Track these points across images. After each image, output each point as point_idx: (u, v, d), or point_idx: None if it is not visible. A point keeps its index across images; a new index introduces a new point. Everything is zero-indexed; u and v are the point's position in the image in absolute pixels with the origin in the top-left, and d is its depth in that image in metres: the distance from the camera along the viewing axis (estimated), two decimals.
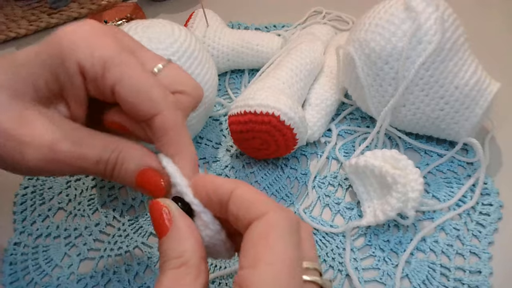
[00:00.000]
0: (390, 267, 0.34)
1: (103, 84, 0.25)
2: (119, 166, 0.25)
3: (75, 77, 0.25)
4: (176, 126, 0.25)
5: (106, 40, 0.25)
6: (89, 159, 0.25)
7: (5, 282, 0.36)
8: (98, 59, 0.24)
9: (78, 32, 0.25)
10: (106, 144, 0.26)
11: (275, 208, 0.22)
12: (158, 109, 0.25)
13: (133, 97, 0.24)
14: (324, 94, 0.44)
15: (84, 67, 0.25)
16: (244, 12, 0.62)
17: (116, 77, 0.24)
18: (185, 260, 0.22)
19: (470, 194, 0.38)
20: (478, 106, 0.37)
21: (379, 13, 0.38)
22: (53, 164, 0.25)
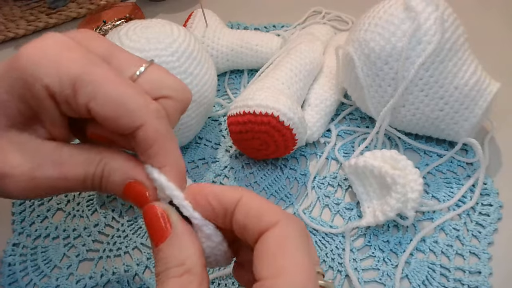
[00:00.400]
0: (390, 268, 0.34)
1: (76, 104, 0.23)
2: (105, 179, 0.25)
3: (45, 102, 0.23)
4: (160, 137, 0.23)
5: (73, 55, 0.23)
6: (74, 178, 0.24)
7: (4, 283, 0.36)
8: (66, 79, 0.22)
9: (40, 51, 0.23)
10: (89, 158, 0.24)
11: (284, 216, 0.22)
12: (139, 122, 0.23)
13: (111, 113, 0.22)
14: (324, 94, 0.44)
15: (52, 91, 0.22)
16: (244, 12, 0.62)
17: (89, 95, 0.22)
18: (187, 268, 0.21)
19: (470, 195, 0.38)
20: (477, 106, 0.37)
21: (379, 13, 0.38)
22: (37, 190, 0.24)
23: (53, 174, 0.24)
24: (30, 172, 0.24)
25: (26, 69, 0.22)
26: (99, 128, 0.25)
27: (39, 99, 0.23)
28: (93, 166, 0.24)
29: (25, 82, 0.22)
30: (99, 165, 0.24)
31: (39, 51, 0.23)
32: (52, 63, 0.22)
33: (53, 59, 0.22)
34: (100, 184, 0.25)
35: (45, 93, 0.23)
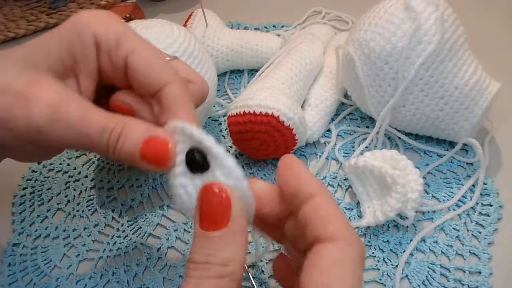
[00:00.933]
0: (390, 268, 0.34)
1: (116, 55, 0.26)
2: (123, 137, 0.24)
3: (90, 49, 0.26)
4: (184, 96, 0.25)
5: (119, 21, 0.27)
6: (94, 124, 0.24)
7: (4, 283, 0.36)
8: (113, 33, 0.26)
9: (94, 13, 0.27)
10: (112, 115, 0.25)
11: (350, 235, 0.21)
12: (168, 79, 0.25)
13: (146, 66, 0.25)
14: (324, 94, 0.44)
15: (99, 40, 0.26)
16: (244, 12, 0.62)
17: (129, 48, 0.26)
18: (230, 272, 0.20)
19: (470, 195, 0.38)
20: (477, 106, 0.37)
21: (379, 13, 0.38)
22: (57, 125, 0.24)
23: (77, 113, 0.24)
24: (57, 104, 0.24)
25: (79, 21, 0.26)
26: (124, 95, 0.27)
27: (85, 46, 0.26)
28: (114, 121, 0.25)
29: (76, 30, 0.26)
30: (119, 123, 0.24)
31: (92, 14, 0.27)
32: (102, 21, 0.27)
33: (104, 21, 0.27)
34: (117, 140, 0.24)
35: (92, 41, 0.26)
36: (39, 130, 0.24)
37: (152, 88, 0.26)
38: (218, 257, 0.20)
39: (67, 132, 0.24)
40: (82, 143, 0.25)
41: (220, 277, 0.20)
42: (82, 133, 0.24)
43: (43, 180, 0.44)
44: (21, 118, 0.24)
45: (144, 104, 0.27)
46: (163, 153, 0.23)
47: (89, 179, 0.43)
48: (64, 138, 0.24)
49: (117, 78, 0.27)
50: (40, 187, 0.43)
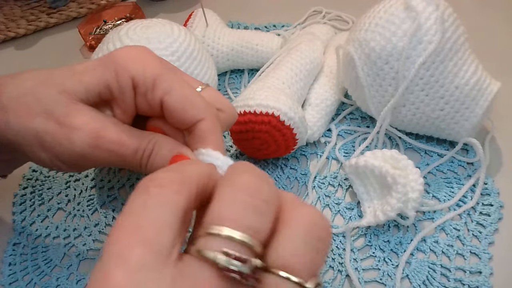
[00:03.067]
0: (390, 268, 0.34)
1: (153, 96, 0.27)
2: (154, 154, 0.28)
3: (127, 90, 0.28)
4: (216, 131, 0.27)
5: (155, 60, 0.28)
6: (129, 146, 0.27)
7: (5, 282, 0.36)
8: (150, 74, 0.27)
9: (131, 52, 0.28)
10: (143, 134, 0.28)
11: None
12: (203, 115, 0.27)
13: (181, 105, 0.27)
14: (324, 94, 0.44)
15: (137, 81, 0.27)
16: (244, 11, 0.62)
17: (165, 89, 0.27)
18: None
19: (471, 194, 0.38)
20: (478, 106, 0.37)
21: (379, 13, 0.38)
22: (97, 151, 0.27)
23: (115, 138, 0.27)
24: (96, 131, 0.27)
25: (118, 62, 0.28)
26: (160, 123, 0.29)
27: (123, 87, 0.28)
28: (146, 141, 0.28)
29: (115, 70, 0.27)
30: (150, 141, 0.28)
31: (130, 51, 0.28)
32: (140, 61, 0.28)
33: (141, 60, 0.28)
34: (148, 157, 0.28)
35: (130, 83, 0.28)
36: (80, 156, 0.27)
37: (186, 123, 0.27)
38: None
39: (105, 156, 0.27)
40: (117, 163, 0.28)
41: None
42: (118, 155, 0.27)
43: (43, 179, 0.44)
44: (65, 145, 0.27)
45: (177, 132, 0.29)
46: None
47: (90, 178, 0.43)
48: (101, 160, 0.28)
49: (153, 113, 0.29)
50: (40, 187, 0.43)
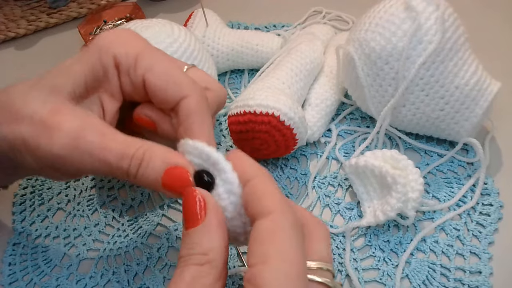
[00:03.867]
0: (390, 268, 0.34)
1: (135, 74, 0.28)
2: (145, 164, 0.25)
3: (111, 70, 0.28)
4: (200, 110, 0.27)
5: (138, 40, 0.29)
6: (113, 151, 0.26)
7: (4, 282, 0.36)
8: (132, 52, 0.28)
9: (113, 34, 0.29)
10: (131, 140, 0.26)
11: (281, 207, 0.22)
12: (185, 93, 0.27)
13: (163, 82, 0.27)
14: (324, 94, 0.44)
15: (119, 60, 0.28)
16: (244, 12, 0.62)
17: (147, 66, 0.27)
18: (210, 259, 0.22)
19: (470, 194, 0.38)
20: (478, 106, 0.37)
21: (379, 13, 0.38)
22: (76, 153, 0.26)
23: (95, 140, 0.26)
24: (76, 131, 0.26)
25: (101, 45, 0.28)
26: (146, 108, 0.29)
27: (106, 66, 0.28)
28: (134, 148, 0.26)
29: (97, 52, 0.28)
30: (139, 149, 0.26)
31: (112, 35, 0.29)
32: (122, 42, 0.28)
33: (123, 40, 0.28)
34: (138, 167, 0.25)
35: (112, 62, 0.28)
36: (60, 158, 0.26)
37: (169, 103, 0.27)
38: (197, 248, 0.22)
39: (87, 159, 0.26)
40: (101, 170, 0.26)
41: (200, 264, 0.22)
42: (100, 160, 0.26)
43: (43, 179, 0.44)
44: (44, 147, 0.26)
45: (164, 116, 0.29)
46: (184, 184, 0.25)
47: (90, 178, 0.43)
48: (84, 164, 0.26)
49: (138, 95, 0.29)
50: (40, 187, 0.43)
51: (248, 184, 0.23)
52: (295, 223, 0.22)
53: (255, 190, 0.23)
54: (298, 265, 0.21)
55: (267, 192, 0.23)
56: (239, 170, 0.24)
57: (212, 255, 0.22)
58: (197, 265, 0.22)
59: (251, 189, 0.23)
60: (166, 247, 0.37)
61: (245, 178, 0.23)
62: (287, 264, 0.20)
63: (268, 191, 0.23)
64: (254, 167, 0.24)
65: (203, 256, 0.22)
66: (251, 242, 0.22)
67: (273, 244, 0.21)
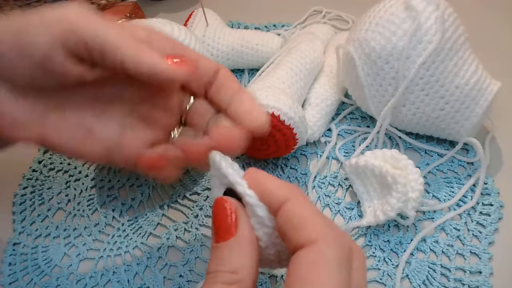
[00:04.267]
0: (390, 268, 0.34)
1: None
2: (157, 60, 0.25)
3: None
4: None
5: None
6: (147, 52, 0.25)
7: (4, 282, 0.36)
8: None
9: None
10: None
11: (326, 234, 0.20)
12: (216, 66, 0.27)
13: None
14: (324, 93, 0.44)
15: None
16: (244, 11, 0.62)
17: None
18: (239, 279, 0.21)
19: (471, 194, 0.38)
20: (478, 106, 0.37)
21: (379, 13, 0.38)
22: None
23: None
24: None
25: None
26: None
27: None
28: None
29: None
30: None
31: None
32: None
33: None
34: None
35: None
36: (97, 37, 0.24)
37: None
38: (227, 265, 0.21)
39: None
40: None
41: (229, 284, 0.20)
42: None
43: (43, 179, 0.44)
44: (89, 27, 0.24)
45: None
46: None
47: (90, 178, 0.43)
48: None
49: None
50: (40, 187, 0.43)
51: (281, 212, 0.21)
52: (341, 250, 0.20)
53: (290, 218, 0.21)
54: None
55: (305, 217, 0.20)
56: (265, 197, 0.22)
57: (241, 275, 0.21)
58: (226, 284, 0.20)
59: (285, 218, 0.21)
60: (166, 247, 0.37)
61: (275, 205, 0.21)
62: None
63: (305, 216, 0.20)
64: (282, 189, 0.22)
65: (232, 274, 0.21)
66: (290, 274, 0.20)
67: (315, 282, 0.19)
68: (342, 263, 0.20)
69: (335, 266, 0.19)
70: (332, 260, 0.19)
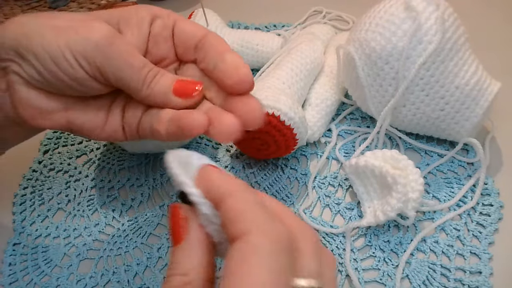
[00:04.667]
0: (390, 268, 0.34)
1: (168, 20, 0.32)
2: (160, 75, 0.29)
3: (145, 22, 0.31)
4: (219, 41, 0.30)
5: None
6: (137, 59, 0.29)
7: (5, 282, 0.36)
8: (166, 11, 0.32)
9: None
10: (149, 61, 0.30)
11: (260, 226, 0.20)
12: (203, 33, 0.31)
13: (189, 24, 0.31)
14: (324, 94, 0.44)
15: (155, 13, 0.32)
16: (244, 11, 0.62)
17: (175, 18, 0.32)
18: (190, 280, 0.21)
19: (471, 195, 0.38)
20: (478, 106, 0.37)
21: (380, 13, 0.38)
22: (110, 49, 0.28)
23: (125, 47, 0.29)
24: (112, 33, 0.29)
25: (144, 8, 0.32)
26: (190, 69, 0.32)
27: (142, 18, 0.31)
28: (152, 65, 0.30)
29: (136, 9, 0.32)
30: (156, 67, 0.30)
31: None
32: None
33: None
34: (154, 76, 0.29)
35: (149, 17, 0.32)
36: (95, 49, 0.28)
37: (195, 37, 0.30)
38: (178, 268, 0.21)
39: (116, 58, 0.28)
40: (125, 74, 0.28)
41: (181, 286, 0.21)
42: (126, 62, 0.28)
43: (43, 179, 0.44)
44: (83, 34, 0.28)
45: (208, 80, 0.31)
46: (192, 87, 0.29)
47: (90, 178, 0.43)
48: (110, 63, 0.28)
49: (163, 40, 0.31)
50: (40, 187, 0.43)
51: (221, 208, 0.21)
52: (276, 241, 0.19)
53: (227, 212, 0.21)
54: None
55: (241, 211, 0.20)
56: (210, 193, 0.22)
57: (192, 276, 0.21)
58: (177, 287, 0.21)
59: (223, 212, 0.21)
60: (166, 247, 0.37)
61: (217, 201, 0.21)
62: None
63: (242, 210, 0.20)
64: (224, 185, 0.22)
65: (182, 277, 0.21)
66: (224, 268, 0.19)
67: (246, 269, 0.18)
68: (276, 253, 0.19)
69: (266, 257, 0.19)
70: (263, 251, 0.19)
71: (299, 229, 0.22)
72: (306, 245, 0.21)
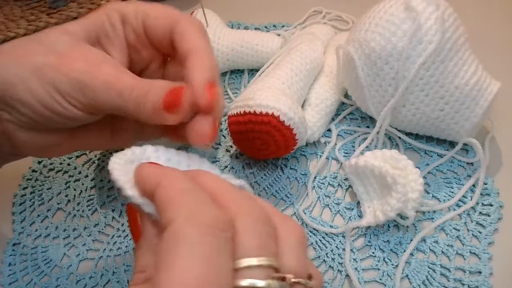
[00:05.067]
0: (390, 268, 0.34)
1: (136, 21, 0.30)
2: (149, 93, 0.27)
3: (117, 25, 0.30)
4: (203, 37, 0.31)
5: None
6: (126, 82, 0.27)
7: (4, 282, 0.36)
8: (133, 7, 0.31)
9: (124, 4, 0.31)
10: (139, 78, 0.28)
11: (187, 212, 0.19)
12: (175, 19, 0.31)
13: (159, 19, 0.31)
14: (324, 94, 0.44)
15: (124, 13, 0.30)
16: (244, 12, 0.62)
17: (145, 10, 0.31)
18: (147, 276, 0.21)
19: (470, 195, 0.38)
20: (478, 106, 0.37)
21: (379, 13, 0.38)
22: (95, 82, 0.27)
23: (112, 72, 0.27)
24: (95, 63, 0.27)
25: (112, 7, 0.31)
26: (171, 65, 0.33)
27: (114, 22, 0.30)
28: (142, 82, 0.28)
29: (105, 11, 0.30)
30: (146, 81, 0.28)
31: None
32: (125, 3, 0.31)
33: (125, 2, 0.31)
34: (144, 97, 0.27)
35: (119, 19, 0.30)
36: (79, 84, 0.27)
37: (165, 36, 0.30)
38: (138, 265, 0.22)
39: (102, 88, 0.27)
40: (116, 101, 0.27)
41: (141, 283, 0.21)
42: (114, 89, 0.27)
43: (43, 179, 0.44)
44: (64, 72, 0.27)
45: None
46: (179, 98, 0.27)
47: (90, 178, 0.43)
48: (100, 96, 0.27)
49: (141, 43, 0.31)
50: (40, 187, 0.43)
51: (154, 201, 0.21)
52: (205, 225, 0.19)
53: (157, 203, 0.20)
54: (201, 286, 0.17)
55: (168, 198, 0.20)
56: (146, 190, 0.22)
57: (149, 272, 0.21)
58: (138, 285, 0.20)
59: (156, 205, 0.21)
60: None
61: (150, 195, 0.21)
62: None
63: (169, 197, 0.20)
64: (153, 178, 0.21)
65: (140, 274, 0.21)
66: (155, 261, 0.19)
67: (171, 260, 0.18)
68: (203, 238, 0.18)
69: (189, 244, 0.18)
70: (186, 238, 0.18)
71: (238, 209, 0.21)
72: (243, 223, 0.20)
